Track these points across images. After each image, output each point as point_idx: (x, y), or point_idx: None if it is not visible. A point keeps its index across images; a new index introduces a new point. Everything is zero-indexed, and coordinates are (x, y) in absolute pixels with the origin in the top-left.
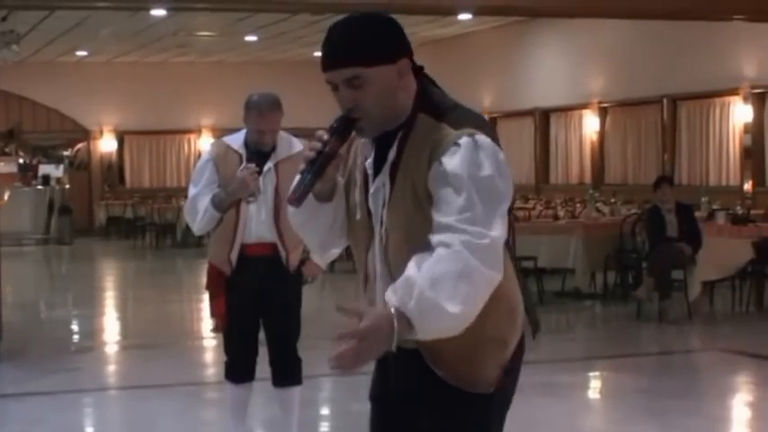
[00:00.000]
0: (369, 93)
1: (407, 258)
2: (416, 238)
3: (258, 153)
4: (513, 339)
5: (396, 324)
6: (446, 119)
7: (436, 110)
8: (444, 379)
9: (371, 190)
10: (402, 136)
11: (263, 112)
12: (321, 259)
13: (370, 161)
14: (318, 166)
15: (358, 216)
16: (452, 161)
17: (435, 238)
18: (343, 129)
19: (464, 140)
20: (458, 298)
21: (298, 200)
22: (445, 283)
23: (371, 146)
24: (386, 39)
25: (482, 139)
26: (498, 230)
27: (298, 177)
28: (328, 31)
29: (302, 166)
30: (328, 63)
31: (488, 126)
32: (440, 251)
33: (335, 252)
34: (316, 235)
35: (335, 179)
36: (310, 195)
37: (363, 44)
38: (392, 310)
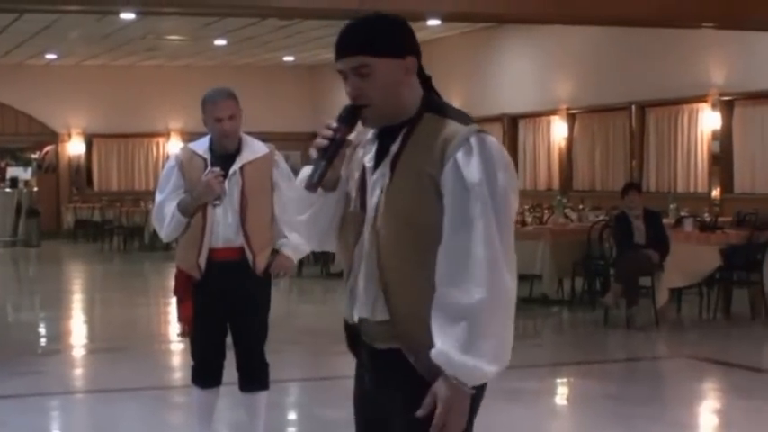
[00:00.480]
0: (374, 82)
1: (402, 245)
2: (414, 224)
3: (223, 157)
4: None
5: (453, 386)
6: (451, 116)
7: (441, 110)
8: (414, 366)
9: (371, 180)
10: (407, 131)
11: (216, 101)
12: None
13: (370, 155)
14: (331, 152)
15: (351, 208)
16: (470, 166)
17: (449, 265)
18: (350, 117)
19: (474, 141)
20: (491, 351)
21: (314, 185)
22: (477, 343)
23: (373, 142)
24: (395, 34)
25: (491, 140)
26: (511, 259)
27: (310, 166)
28: (344, 26)
29: (314, 155)
30: (339, 52)
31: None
32: (453, 291)
33: (333, 246)
34: (319, 226)
35: (340, 168)
36: (301, 186)
37: (373, 35)
38: (443, 381)
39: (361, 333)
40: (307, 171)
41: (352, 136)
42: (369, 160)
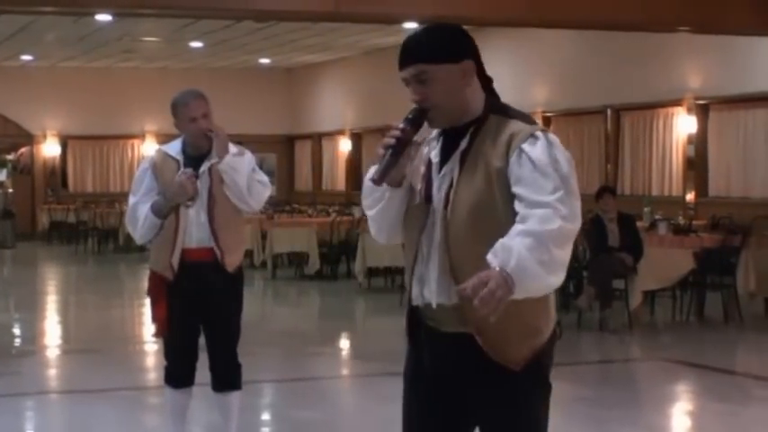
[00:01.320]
0: (434, 87)
1: (471, 234)
2: (482, 214)
3: (196, 158)
4: (547, 330)
5: (503, 276)
6: (516, 117)
7: (505, 112)
8: (483, 349)
9: (438, 175)
10: (474, 130)
11: (188, 102)
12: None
13: (435, 152)
14: (397, 150)
15: (416, 201)
16: (535, 150)
17: (531, 210)
18: (416, 118)
19: (540, 134)
20: (551, 260)
21: (379, 179)
22: (541, 246)
23: (437, 140)
24: (449, 42)
25: (553, 136)
26: (575, 218)
27: (378, 162)
28: (405, 39)
29: (381, 152)
30: (401, 62)
31: None
32: (537, 212)
33: (399, 239)
34: (387, 221)
35: (406, 167)
36: (370, 182)
37: (429, 45)
38: (497, 268)
39: (426, 317)
40: (374, 169)
41: (417, 136)
42: (435, 156)
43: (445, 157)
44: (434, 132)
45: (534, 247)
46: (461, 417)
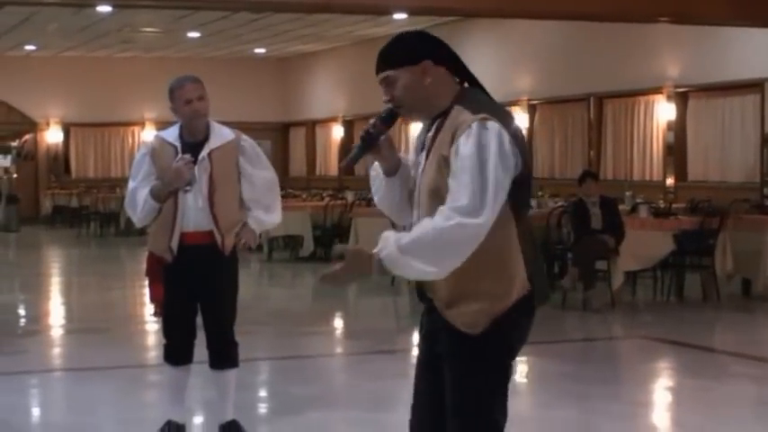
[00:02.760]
0: (398, 87)
1: (429, 214)
2: (437, 197)
3: (192, 144)
4: (507, 298)
5: (375, 258)
6: (470, 107)
7: (468, 103)
8: (442, 314)
9: (416, 164)
10: (439, 122)
11: (183, 85)
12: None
13: (419, 140)
14: (365, 143)
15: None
16: (465, 142)
17: (444, 205)
18: (387, 117)
19: (475, 125)
20: (430, 255)
21: (346, 167)
22: (414, 246)
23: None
24: (405, 48)
25: (491, 124)
26: (485, 216)
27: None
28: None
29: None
30: (376, 70)
31: (506, 115)
32: (443, 210)
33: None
34: (389, 204)
35: (395, 158)
36: (379, 171)
37: (389, 53)
38: (374, 251)
39: (423, 285)
40: (377, 166)
41: (387, 132)
42: (419, 146)
43: (423, 147)
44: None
45: (416, 240)
46: (437, 377)
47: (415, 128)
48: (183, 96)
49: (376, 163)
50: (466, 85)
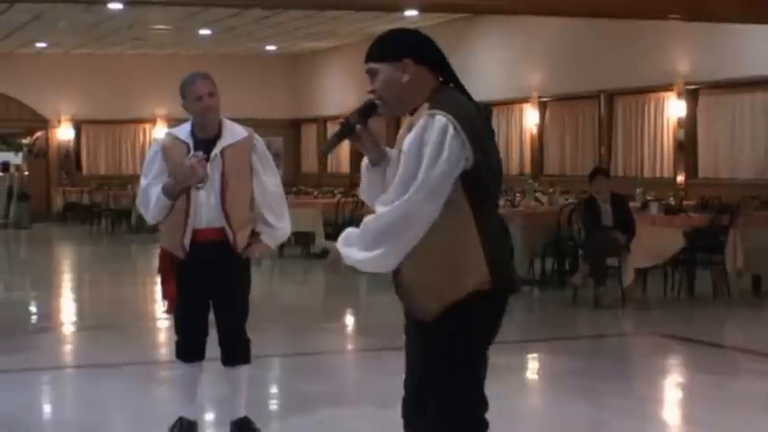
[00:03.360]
0: (378, 80)
1: None
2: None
3: (205, 141)
4: (458, 288)
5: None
6: (433, 105)
7: (434, 101)
8: (403, 305)
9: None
10: (410, 119)
11: (195, 80)
12: None
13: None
14: (342, 132)
15: None
16: (410, 137)
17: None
18: (365, 109)
19: (423, 120)
20: (359, 247)
21: (323, 153)
22: (355, 237)
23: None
24: (393, 43)
25: (438, 118)
26: (405, 198)
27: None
28: None
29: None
30: (365, 61)
31: (468, 113)
32: (380, 200)
33: None
34: (370, 194)
35: (379, 149)
36: (366, 161)
37: (376, 47)
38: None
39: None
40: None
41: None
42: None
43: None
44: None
45: (358, 232)
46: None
47: None
48: (194, 93)
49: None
50: (451, 85)
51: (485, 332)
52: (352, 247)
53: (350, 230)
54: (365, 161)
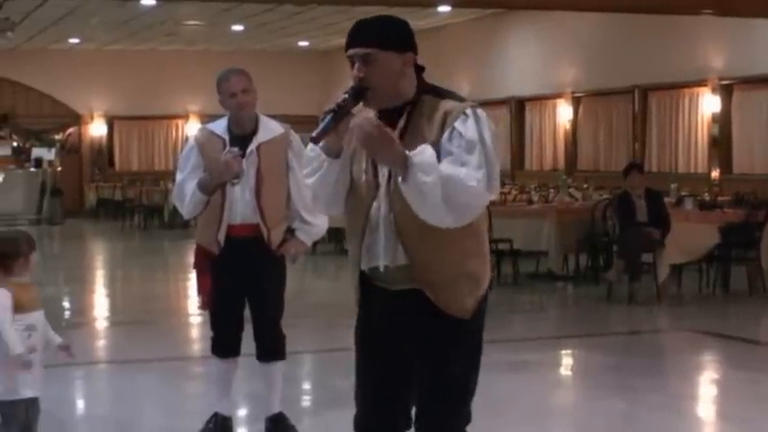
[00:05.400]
0: (377, 69)
1: (406, 201)
2: None
3: (240, 137)
4: (485, 281)
5: (403, 156)
6: (448, 97)
7: (437, 92)
8: (431, 299)
9: None
10: (410, 110)
11: (229, 77)
12: (323, 214)
13: None
14: (337, 115)
15: (363, 178)
16: (465, 128)
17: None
18: (357, 93)
19: (470, 112)
20: (445, 195)
21: (317, 138)
22: (448, 184)
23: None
24: (399, 33)
25: (481, 112)
26: (493, 189)
27: (320, 124)
28: (357, 21)
29: (323, 116)
30: (352, 40)
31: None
32: (462, 170)
33: (337, 210)
34: (325, 189)
35: (343, 136)
36: (318, 152)
37: (381, 31)
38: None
39: (376, 279)
40: (315, 148)
41: (355, 110)
42: None
43: None
44: (372, 114)
45: (444, 177)
46: (399, 362)
47: None
48: (228, 89)
49: (311, 145)
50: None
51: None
52: (430, 176)
53: (444, 166)
54: (317, 151)
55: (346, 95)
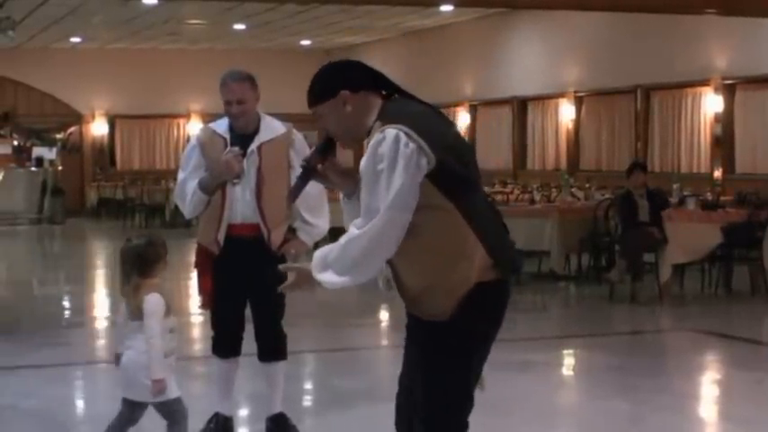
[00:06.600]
0: (327, 120)
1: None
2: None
3: (242, 137)
4: (467, 281)
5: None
6: (385, 120)
7: (384, 116)
8: (408, 310)
9: None
10: (367, 140)
11: (227, 83)
12: None
13: None
14: (303, 174)
15: None
16: (364, 157)
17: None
18: (323, 148)
19: (375, 137)
20: (336, 271)
21: (289, 198)
22: (331, 261)
23: None
24: (323, 82)
25: (388, 131)
26: (381, 221)
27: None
28: None
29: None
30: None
31: (421, 117)
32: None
33: None
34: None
35: (350, 182)
36: (342, 194)
37: (311, 90)
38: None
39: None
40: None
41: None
42: None
43: None
44: None
45: (332, 256)
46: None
47: None
48: (224, 96)
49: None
50: (396, 96)
51: (492, 325)
52: (327, 271)
53: (322, 252)
54: (341, 194)
55: (311, 153)
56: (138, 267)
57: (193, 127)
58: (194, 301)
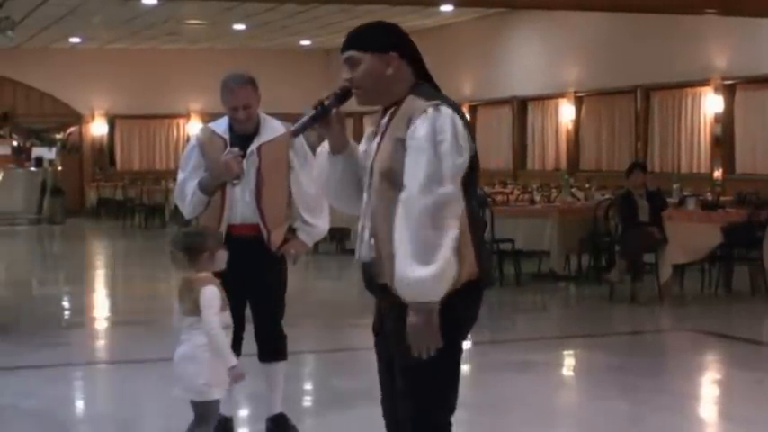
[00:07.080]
0: (359, 71)
1: (383, 200)
2: (388, 180)
3: (242, 137)
4: (455, 279)
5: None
6: (423, 96)
7: (421, 93)
8: (389, 286)
9: (370, 149)
10: (394, 110)
11: (232, 88)
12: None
13: (371, 130)
14: (316, 113)
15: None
16: (421, 124)
17: (401, 195)
18: (341, 94)
19: (430, 110)
20: (419, 262)
21: (294, 133)
22: (405, 255)
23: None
24: (376, 36)
25: (444, 108)
26: (449, 185)
27: (302, 119)
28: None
29: (307, 111)
30: (342, 48)
31: (457, 105)
32: (402, 199)
33: (347, 208)
34: (327, 181)
35: (344, 137)
36: (327, 148)
37: (359, 36)
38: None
39: (372, 273)
40: (325, 144)
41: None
42: (371, 134)
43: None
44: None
45: (407, 250)
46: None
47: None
48: (230, 103)
49: (325, 143)
50: (424, 83)
51: (467, 324)
52: (410, 267)
53: (398, 262)
54: (324, 148)
55: (329, 95)
56: (187, 255)
57: (193, 127)
58: None
